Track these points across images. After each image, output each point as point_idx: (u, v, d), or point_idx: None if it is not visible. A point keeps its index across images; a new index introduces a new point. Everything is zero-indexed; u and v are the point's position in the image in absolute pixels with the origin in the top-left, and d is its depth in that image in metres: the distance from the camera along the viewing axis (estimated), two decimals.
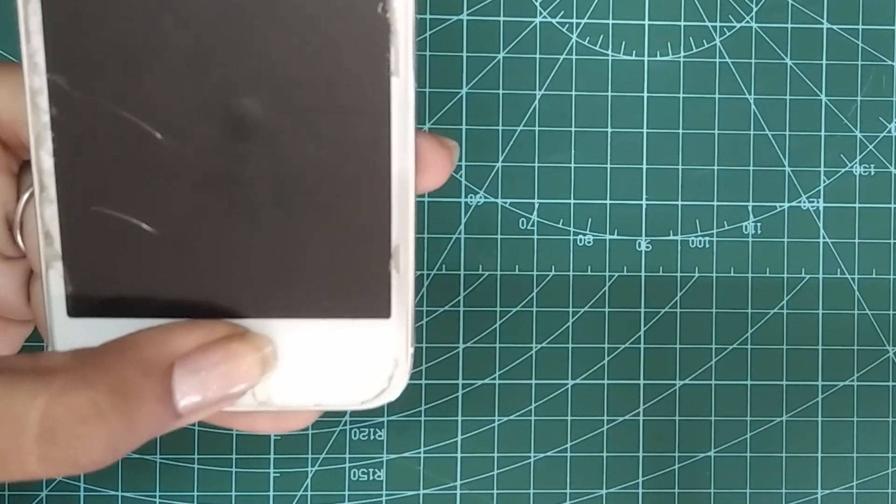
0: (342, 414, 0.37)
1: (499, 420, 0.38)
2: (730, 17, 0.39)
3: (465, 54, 0.37)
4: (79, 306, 0.21)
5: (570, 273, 0.38)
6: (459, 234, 0.37)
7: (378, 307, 0.21)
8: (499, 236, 0.38)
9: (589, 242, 0.38)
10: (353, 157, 0.20)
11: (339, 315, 0.21)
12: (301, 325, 0.21)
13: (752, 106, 0.38)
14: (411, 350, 0.21)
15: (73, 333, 0.21)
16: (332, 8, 0.19)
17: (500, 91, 0.38)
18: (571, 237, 0.38)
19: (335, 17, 0.19)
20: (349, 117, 0.20)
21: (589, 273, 0.38)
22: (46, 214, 0.20)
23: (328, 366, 0.21)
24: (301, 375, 0.21)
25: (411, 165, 0.20)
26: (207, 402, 0.20)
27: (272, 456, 0.37)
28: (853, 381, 0.38)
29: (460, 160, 0.38)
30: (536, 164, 0.38)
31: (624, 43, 0.38)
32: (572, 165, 0.38)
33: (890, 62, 0.39)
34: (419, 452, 0.37)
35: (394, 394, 0.21)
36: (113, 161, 0.20)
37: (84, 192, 0.20)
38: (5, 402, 0.18)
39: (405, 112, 0.20)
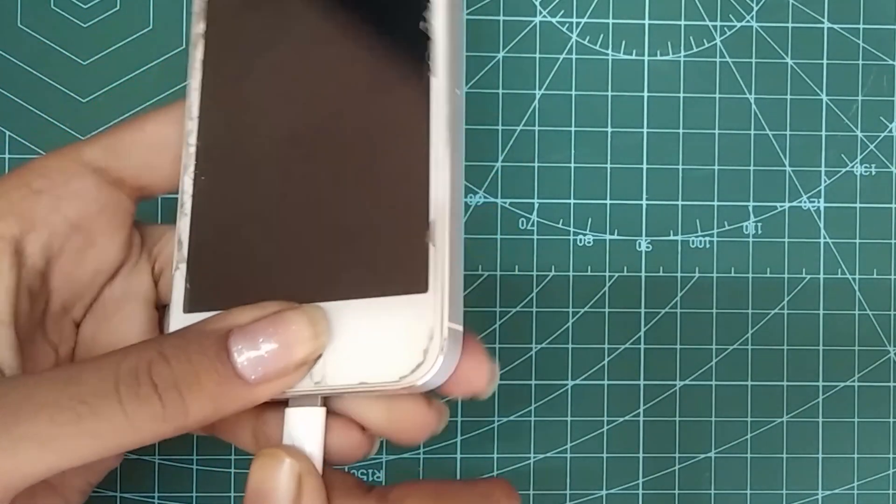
0: None
1: (498, 420, 0.38)
2: (730, 16, 0.38)
3: (464, 54, 0.37)
4: (193, 303, 0.24)
5: (570, 273, 0.38)
6: None
7: (416, 282, 0.22)
8: (498, 236, 0.38)
9: (589, 242, 0.38)
10: (398, 138, 0.24)
11: (382, 293, 0.23)
12: (347, 306, 0.23)
13: (753, 106, 0.38)
14: (450, 325, 0.22)
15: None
16: (384, 24, 0.25)
17: (500, 90, 0.38)
18: (571, 237, 0.38)
19: (386, 31, 0.25)
20: (396, 107, 0.24)
21: (589, 273, 0.38)
22: (181, 225, 0.25)
23: (372, 343, 0.22)
24: (348, 354, 0.22)
25: (448, 148, 0.23)
26: (267, 362, 0.22)
27: None
28: (854, 381, 0.38)
29: None
30: (536, 164, 0.38)
31: (624, 42, 0.38)
32: (572, 165, 0.38)
33: (891, 62, 0.39)
34: (419, 453, 0.37)
35: (429, 370, 0.22)
36: (229, 190, 0.25)
37: (209, 211, 0.25)
38: (98, 360, 0.22)
39: (444, 104, 0.24)
